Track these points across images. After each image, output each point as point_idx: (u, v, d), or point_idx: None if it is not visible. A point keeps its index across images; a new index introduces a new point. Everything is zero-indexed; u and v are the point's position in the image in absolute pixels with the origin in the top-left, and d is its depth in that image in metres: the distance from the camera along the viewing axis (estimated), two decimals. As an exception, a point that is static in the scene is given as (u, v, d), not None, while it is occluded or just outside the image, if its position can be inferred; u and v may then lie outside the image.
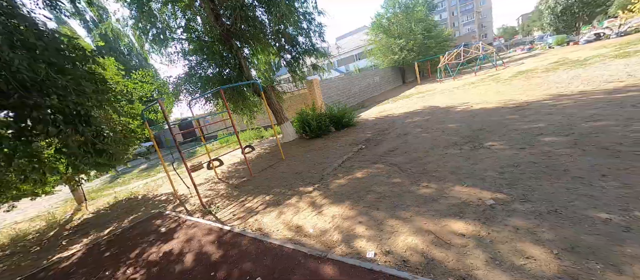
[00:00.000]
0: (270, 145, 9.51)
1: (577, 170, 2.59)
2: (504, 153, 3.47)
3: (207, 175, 7.32)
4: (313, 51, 9.71)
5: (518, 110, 5.30)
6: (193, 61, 7.47)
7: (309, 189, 4.11)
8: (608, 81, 5.98)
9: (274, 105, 8.66)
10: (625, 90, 4.87)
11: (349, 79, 18.59)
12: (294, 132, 9.04)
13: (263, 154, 8.24)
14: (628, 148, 2.76)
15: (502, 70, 14.02)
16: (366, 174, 4.05)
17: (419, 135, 5.49)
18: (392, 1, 23.66)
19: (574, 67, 8.86)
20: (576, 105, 4.68)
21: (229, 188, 5.46)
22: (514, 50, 30.69)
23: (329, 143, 7.19)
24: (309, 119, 8.53)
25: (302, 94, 14.29)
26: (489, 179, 2.87)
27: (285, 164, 6.22)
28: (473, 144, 4.12)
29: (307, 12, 9.04)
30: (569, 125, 3.81)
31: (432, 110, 8.00)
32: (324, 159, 5.72)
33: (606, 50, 11.25)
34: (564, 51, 15.90)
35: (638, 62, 7.10)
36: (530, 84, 8.07)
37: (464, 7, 66.13)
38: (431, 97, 10.84)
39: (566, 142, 3.31)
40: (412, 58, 21.53)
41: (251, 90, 8.81)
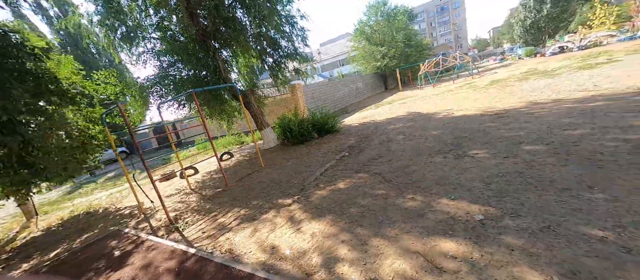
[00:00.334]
0: (250, 152, 9.07)
1: (563, 181, 2.52)
2: (488, 162, 3.39)
3: (179, 185, 6.75)
4: (296, 55, 9.48)
5: (498, 118, 5.36)
6: (165, 62, 6.93)
7: (288, 201, 3.81)
8: (576, 91, 6.27)
9: (254, 110, 8.28)
10: (593, 100, 5.08)
11: (332, 84, 18.55)
12: (275, 139, 8.68)
13: (242, 162, 7.80)
14: (608, 158, 2.76)
15: (477, 78, 14.59)
16: (349, 184, 3.82)
17: (403, 143, 5.38)
18: (374, 9, 24.15)
19: (544, 77, 9.32)
20: (551, 114, 4.79)
21: (201, 200, 5.01)
22: (487, 60, 32.45)
23: (312, 150, 6.92)
24: (291, 124, 8.23)
25: (284, 98, 13.98)
26: (476, 191, 2.74)
27: (264, 172, 5.86)
28: (457, 152, 4.04)
29: (290, 16, 8.81)
30: (548, 134, 3.83)
31: (415, 116, 8.01)
32: (306, 167, 5.44)
33: (570, 62, 12.04)
34: (532, 62, 16.92)
35: (600, 74, 7.57)
36: (505, 93, 8.35)
37: (441, 18, 69.55)
38: (413, 104, 10.96)
39: (547, 151, 3.29)
40: (394, 65, 21.98)
41: (230, 94, 8.37)
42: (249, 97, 8.16)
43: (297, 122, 8.36)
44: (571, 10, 21.85)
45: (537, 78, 9.60)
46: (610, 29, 17.24)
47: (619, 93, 5.14)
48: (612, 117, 3.88)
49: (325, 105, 15.90)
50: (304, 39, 9.30)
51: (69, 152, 5.35)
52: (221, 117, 8.50)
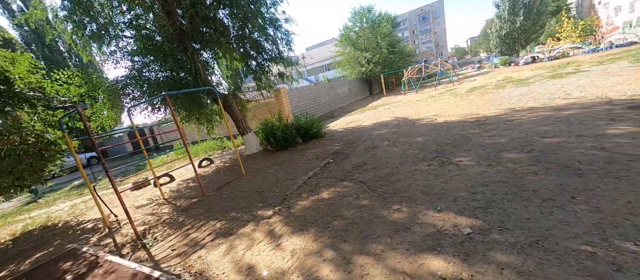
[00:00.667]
0: (232, 158, 8.69)
1: (547, 191, 2.50)
2: (472, 170, 3.36)
3: (153, 194, 6.28)
4: (280, 59, 9.30)
5: (479, 125, 5.44)
6: (139, 62, 6.46)
7: (269, 212, 3.57)
8: (550, 99, 6.54)
9: (236, 115, 7.95)
10: (567, 108, 5.29)
11: (318, 88, 18.48)
12: (258, 144, 8.38)
13: (222, 168, 7.43)
14: (587, 167, 2.79)
15: (458, 85, 15.09)
16: (333, 194, 3.65)
17: (388, 149, 5.31)
18: (359, 16, 24.52)
19: (520, 85, 9.74)
20: (529, 121, 4.91)
21: (174, 212, 4.64)
22: (466, 68, 33.91)
23: (295, 156, 6.71)
24: (275, 129, 7.99)
25: (268, 102, 13.68)
26: (462, 201, 2.67)
27: (245, 180, 5.57)
28: (441, 160, 4.01)
29: (274, 18, 8.63)
30: (528, 142, 3.89)
31: (399, 122, 8.04)
32: (289, 174, 5.22)
33: (542, 71, 12.74)
34: (507, 71, 17.79)
35: (570, 83, 8.00)
36: (484, 99, 8.61)
37: (423, 27, 72.16)
38: (397, 109, 11.07)
39: (529, 159, 3.31)
40: (379, 71, 22.33)
41: (211, 97, 7.99)
42: (230, 101, 7.83)
43: (281, 127, 8.13)
44: (541, 23, 23.41)
45: (513, 86, 10.01)
46: (576, 42, 18.59)
47: (589, 102, 5.39)
48: (586, 126, 4.02)
49: (310, 110, 15.77)
50: (288, 43, 9.14)
51: (23, 159, 4.79)
52: (200, 122, 8.09)
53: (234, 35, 8.39)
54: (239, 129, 8.11)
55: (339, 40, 25.46)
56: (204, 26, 7.49)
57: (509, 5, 23.63)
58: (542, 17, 23.68)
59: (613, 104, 4.89)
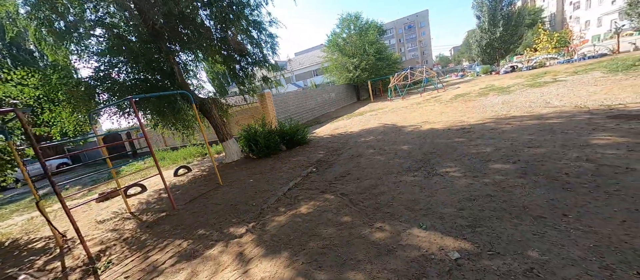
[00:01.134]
0: (211, 166, 8.21)
1: (537, 207, 2.34)
2: (459, 182, 3.18)
3: (119, 207, 5.74)
4: (264, 63, 9.00)
5: (464, 133, 5.36)
6: (106, 63, 5.95)
7: (241, 230, 3.23)
8: (532, 107, 6.62)
9: (216, 120, 7.53)
10: (549, 117, 5.31)
11: (305, 93, 18.26)
12: (239, 151, 7.98)
13: (199, 177, 6.96)
14: (575, 179, 2.67)
15: (442, 92, 15.32)
16: (312, 208, 3.36)
17: (372, 158, 5.11)
18: (347, 22, 24.68)
19: (501, 93, 9.93)
20: (513, 130, 4.87)
21: (139, 228, 4.18)
22: (450, 75, 34.91)
23: (278, 164, 6.39)
24: (257, 136, 7.63)
25: (253, 107, 13.30)
26: (449, 219, 2.46)
27: (221, 191, 5.18)
28: (426, 170, 3.83)
29: (258, 21, 8.35)
30: (514, 151, 3.79)
31: (385, 129, 7.91)
32: (268, 185, 4.89)
33: (522, 80, 13.15)
34: (489, 79, 18.33)
35: (549, 92, 8.19)
36: (468, 107, 8.66)
37: (409, 35, 74.22)
38: (383, 115, 11.00)
39: (515, 170, 3.18)
40: (366, 77, 22.44)
41: (189, 102, 7.54)
42: (209, 106, 7.41)
43: (264, 133, 7.79)
44: (519, 34, 24.51)
45: (495, 94, 10.19)
46: (551, 52, 19.56)
47: (569, 111, 5.44)
48: (569, 135, 3.98)
49: (297, 115, 15.48)
50: (273, 46, 8.86)
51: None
52: (176, 127, 7.60)
53: (216, 37, 8.05)
54: (218, 136, 7.69)
55: (326, 45, 25.49)
56: (182, 26, 7.10)
57: (489, 16, 24.61)
58: (519, 28, 24.81)
59: (592, 113, 4.94)
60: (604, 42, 20.03)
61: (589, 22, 40.22)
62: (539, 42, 19.73)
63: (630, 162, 2.77)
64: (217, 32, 8.09)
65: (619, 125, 4.00)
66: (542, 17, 42.75)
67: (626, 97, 5.58)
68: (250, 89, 9.55)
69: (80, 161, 19.70)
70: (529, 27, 33.13)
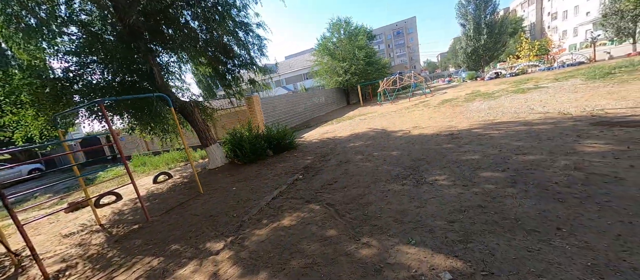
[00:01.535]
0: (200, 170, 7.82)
1: (529, 220, 2.23)
2: (448, 191, 3.07)
3: (90, 219, 5.30)
4: (251, 65, 8.77)
5: (452, 139, 5.31)
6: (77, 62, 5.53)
7: (218, 245, 2.97)
8: (517, 113, 6.69)
9: (198, 125, 7.19)
10: (535, 123, 5.34)
11: (294, 97, 18.06)
12: (223, 157, 7.65)
13: (179, 185, 6.59)
14: (565, 189, 2.60)
15: (430, 97, 15.52)
16: (296, 221, 3.15)
17: (360, 164, 4.96)
18: (337, 27, 24.77)
19: (487, 99, 10.09)
20: (501, 136, 4.85)
21: (107, 242, 3.82)
22: (437, 81, 35.69)
23: (263, 170, 6.13)
24: (243, 141, 7.34)
25: (240, 111, 12.96)
26: (439, 232, 2.31)
27: (201, 200, 4.87)
28: (415, 178, 3.71)
29: (245, 22, 8.13)
30: (502, 159, 3.73)
31: (374, 133, 7.82)
32: (252, 193, 4.64)
33: (506, 86, 13.49)
34: (474, 85, 18.77)
35: (533, 98, 8.36)
36: (456, 112, 8.72)
37: (397, 41, 75.70)
38: (372, 120, 10.95)
39: (505, 179, 3.10)
40: (355, 81, 22.53)
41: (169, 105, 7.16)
42: (191, 109, 7.07)
43: (250, 138, 7.51)
44: (502, 42, 25.42)
45: (481, 99, 10.36)
46: (532, 60, 20.35)
47: (554, 117, 5.51)
48: (555, 142, 3.97)
49: (286, 119, 15.24)
50: (260, 48, 8.65)
51: None
52: (154, 132, 7.21)
53: (201, 38, 7.77)
54: (201, 140, 7.34)
55: (316, 49, 25.47)
56: (165, 26, 6.79)
57: (474, 24, 25.40)
58: (502, 37, 25.73)
59: (576, 120, 5.00)
60: (580, 50, 21.03)
61: (566, 31, 42.37)
62: (521, 50, 20.56)
63: (618, 172, 2.73)
64: (202, 33, 7.82)
65: (603, 132, 4.03)
66: (523, 26, 44.66)
67: (606, 104, 5.72)
68: (237, 92, 9.26)
69: (56, 166, 18.57)
70: (511, 35, 34.49)
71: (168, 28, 7.13)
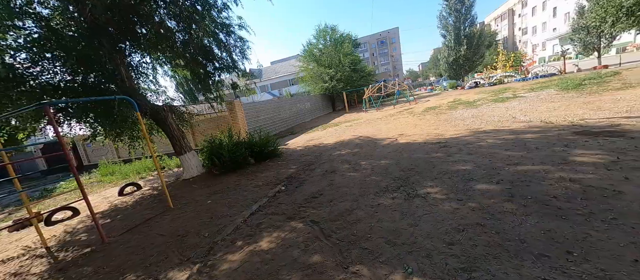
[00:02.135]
0: (169, 182, 7.17)
1: (535, 242, 2.01)
2: (443, 207, 2.82)
3: (36, 239, 4.57)
4: (233, 69, 8.34)
5: (441, 148, 5.17)
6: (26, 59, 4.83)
7: (183, 275, 2.52)
8: (500, 121, 6.74)
9: (172, 131, 6.60)
10: (520, 132, 5.34)
11: (279, 102, 17.64)
12: (200, 165, 7.08)
13: (148, 197, 5.96)
14: (566, 205, 2.43)
15: (414, 105, 15.72)
16: (275, 242, 2.77)
17: (347, 175, 4.66)
18: (323, 33, 24.81)
19: (469, 107, 10.26)
20: (489, 145, 4.76)
21: (50, 271, 3.21)
22: (419, 89, 36.69)
23: (243, 181, 5.67)
24: (222, 148, 6.83)
25: (222, 117, 12.37)
26: (438, 258, 2.03)
27: (170, 216, 4.34)
28: (406, 190, 3.45)
29: (226, 23, 7.73)
30: (494, 169, 3.58)
31: (360, 141, 7.59)
32: (228, 207, 4.19)
33: (485, 95, 13.92)
34: (455, 93, 19.33)
35: (513, 107, 8.55)
36: (440, 120, 8.74)
37: (382, 50, 77.69)
38: (358, 127, 10.78)
39: (501, 192, 2.91)
40: (341, 88, 22.52)
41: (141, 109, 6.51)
42: (164, 114, 6.49)
43: (230, 145, 7.02)
44: (481, 53, 26.67)
45: (463, 107, 10.52)
46: (508, 71, 21.41)
47: (537, 126, 5.55)
48: (544, 152, 3.89)
49: (270, 125, 14.76)
50: (242, 50, 8.25)
51: None
52: (120, 139, 6.54)
53: (179, 39, 7.28)
54: (175, 148, 6.74)
55: (302, 55, 25.31)
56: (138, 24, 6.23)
57: (454, 35, 26.48)
58: (480, 48, 27.00)
59: (559, 129, 5.03)
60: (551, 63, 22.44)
61: (536, 45, 45.43)
62: (498, 61, 21.64)
63: (614, 184, 2.62)
64: (180, 34, 7.34)
65: (588, 141, 4.02)
66: (497, 40, 47.41)
67: (584, 114, 5.85)
68: (217, 96, 8.77)
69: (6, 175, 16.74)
70: (488, 47, 36.38)
71: (142, 27, 6.58)
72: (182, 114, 7.39)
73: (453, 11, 25.87)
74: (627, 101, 6.24)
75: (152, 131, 7.31)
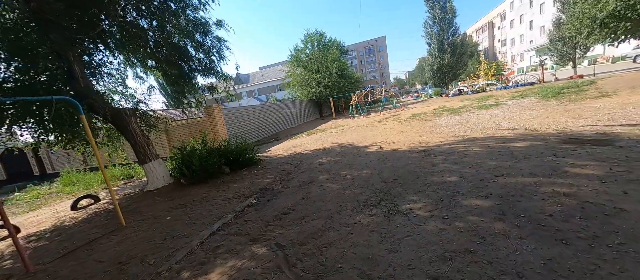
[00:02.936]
0: (133, 192, 6.47)
1: (536, 277, 1.65)
2: (426, 227, 2.45)
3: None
4: (211, 71, 7.84)
5: (425, 157, 4.86)
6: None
7: (104, 322, 1.98)
8: (485, 128, 6.58)
9: (136, 137, 5.95)
10: (506, 140, 5.13)
11: (264, 108, 17.11)
12: (167, 175, 6.44)
13: (103, 212, 5.28)
14: (565, 226, 2.11)
15: (400, 111, 15.65)
16: (228, 275, 2.28)
17: (325, 186, 4.24)
18: (311, 39, 24.63)
19: (454, 114, 10.19)
20: (475, 154, 4.50)
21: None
22: (405, 96, 37.20)
23: (212, 193, 5.13)
24: (193, 156, 6.23)
25: (200, 122, 11.73)
26: (420, 298, 1.63)
27: (119, 237, 3.74)
28: (387, 206, 3.07)
29: (203, 22, 7.27)
30: (482, 181, 3.27)
31: (344, 148, 7.22)
32: (188, 226, 3.65)
33: (469, 102, 14.03)
34: (440, 101, 19.53)
35: (497, 114, 8.49)
36: (425, 126, 8.54)
37: (369, 58, 79.00)
38: (344, 133, 10.44)
39: (490, 208, 2.58)
40: (328, 94, 22.27)
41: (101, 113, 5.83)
42: (127, 118, 5.84)
43: (202, 153, 6.44)
44: (463, 62, 27.40)
45: (448, 114, 10.43)
46: (490, 79, 22.01)
47: (522, 134, 5.37)
48: (532, 161, 3.64)
49: (254, 131, 14.18)
50: (220, 51, 7.77)
51: None
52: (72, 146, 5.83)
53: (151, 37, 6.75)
54: (138, 156, 6.09)
55: (289, 60, 24.98)
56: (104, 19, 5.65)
57: (438, 44, 27.10)
58: (463, 57, 27.75)
59: (545, 137, 4.86)
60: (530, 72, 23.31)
61: (514, 56, 47.56)
62: (480, 70, 22.28)
63: (614, 200, 2.34)
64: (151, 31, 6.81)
65: (576, 150, 3.82)
66: (479, 50, 49.29)
67: (567, 122, 5.76)
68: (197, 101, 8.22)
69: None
70: (470, 57, 37.60)
71: (103, 22, 5.99)
72: (148, 118, 6.74)
73: (437, 20, 26.52)
74: (607, 109, 6.24)
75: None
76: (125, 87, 7.78)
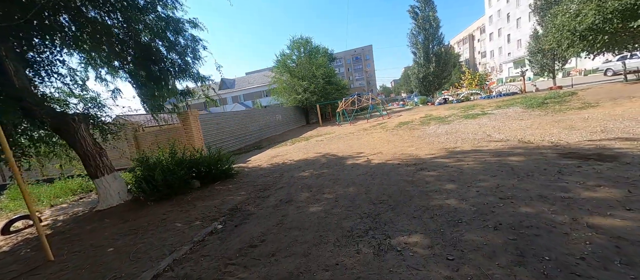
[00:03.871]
0: (81, 211, 5.54)
1: None
2: (427, 273, 1.91)
3: None
4: (185, 73, 7.13)
5: (418, 171, 4.39)
6: None
7: None
8: (475, 139, 6.27)
9: (85, 146, 5.09)
10: (501, 153, 4.79)
11: (248, 114, 16.35)
12: (125, 191, 5.59)
13: (35, 240, 4.35)
14: (604, 276, 1.63)
15: (387, 119, 15.40)
16: None
17: (305, 208, 3.63)
18: (297, 45, 24.24)
19: (442, 123, 9.95)
20: (472, 170, 4.07)
21: None
22: (392, 104, 37.53)
23: (174, 214, 4.38)
24: (154, 169, 5.43)
25: (175, 128, 10.82)
26: None
27: (40, 277, 2.92)
28: (377, 238, 2.51)
29: (175, 18, 6.60)
30: (486, 206, 2.79)
31: (328, 160, 6.66)
32: (132, 261, 2.92)
33: (455, 111, 13.99)
34: (426, 109, 19.57)
35: (485, 124, 8.27)
36: (413, 136, 8.19)
37: (356, 66, 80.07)
38: (329, 142, 9.91)
39: (503, 246, 2.08)
40: (315, 100, 21.82)
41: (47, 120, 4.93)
42: (75, 125, 4.98)
43: (169, 165, 5.64)
44: (448, 71, 28.04)
45: (436, 123, 10.19)
46: (474, 89, 22.49)
47: (516, 146, 5.06)
48: (538, 180, 3.23)
49: (235, 139, 13.36)
50: (195, 51, 7.11)
51: None
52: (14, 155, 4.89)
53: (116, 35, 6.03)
54: (87, 169, 5.22)
55: (275, 66, 24.41)
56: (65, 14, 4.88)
57: (423, 53, 27.59)
58: (447, 66, 28.40)
59: (541, 150, 4.54)
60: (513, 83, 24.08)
61: (493, 67, 49.60)
62: (464, 80, 22.80)
63: (652, 236, 1.90)
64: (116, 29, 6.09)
65: (581, 167, 3.46)
66: (460, 61, 51.09)
67: (560, 133, 5.53)
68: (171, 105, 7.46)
69: None
70: (453, 67, 38.73)
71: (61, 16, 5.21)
72: (102, 126, 5.87)
73: (422, 30, 27.02)
74: (597, 120, 6.10)
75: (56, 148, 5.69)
76: (85, 89, 6.88)
